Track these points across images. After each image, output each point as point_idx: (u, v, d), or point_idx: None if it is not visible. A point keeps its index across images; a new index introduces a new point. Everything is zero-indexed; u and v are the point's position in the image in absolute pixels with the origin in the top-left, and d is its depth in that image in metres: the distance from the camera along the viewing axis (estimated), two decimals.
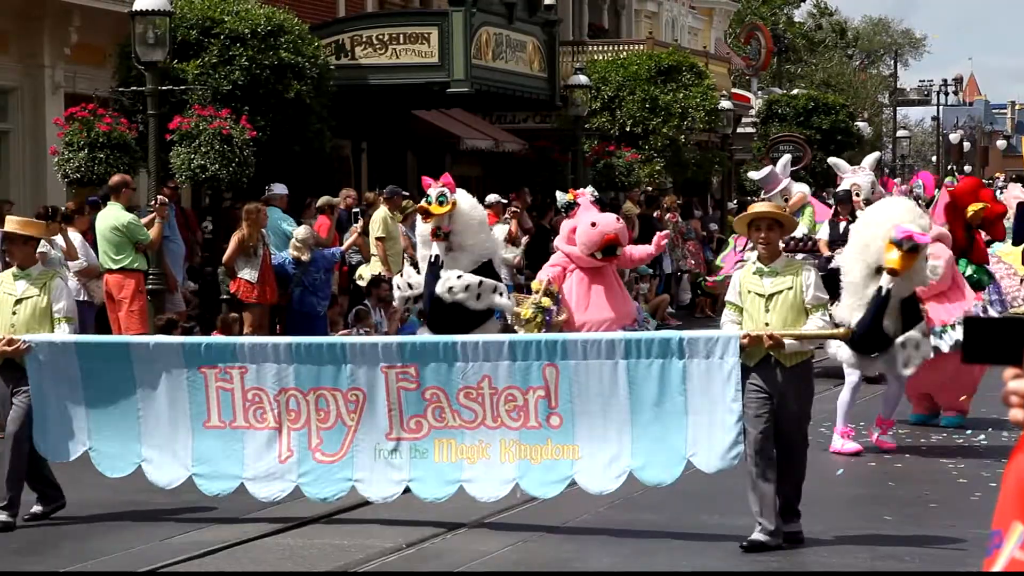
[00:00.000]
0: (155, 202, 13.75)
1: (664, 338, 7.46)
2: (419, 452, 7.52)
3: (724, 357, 7.25)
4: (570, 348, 7.40)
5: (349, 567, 7.39)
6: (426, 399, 7.51)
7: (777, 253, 7.67)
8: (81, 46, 17.74)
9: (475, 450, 7.46)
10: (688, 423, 7.25)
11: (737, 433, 7.23)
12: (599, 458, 7.34)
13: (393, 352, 7.61)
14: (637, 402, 7.30)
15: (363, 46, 20.58)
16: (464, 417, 7.48)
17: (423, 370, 7.51)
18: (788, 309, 7.50)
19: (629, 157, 25.41)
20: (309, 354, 7.68)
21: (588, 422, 7.35)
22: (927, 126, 72.46)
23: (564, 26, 28.32)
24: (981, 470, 10.00)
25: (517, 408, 7.41)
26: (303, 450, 7.65)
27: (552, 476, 7.44)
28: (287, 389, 7.64)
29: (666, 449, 7.28)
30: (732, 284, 7.74)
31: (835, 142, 32.42)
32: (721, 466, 7.32)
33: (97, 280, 13.15)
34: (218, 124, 15.45)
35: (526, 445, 7.41)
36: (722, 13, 45.81)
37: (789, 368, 7.47)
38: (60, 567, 7.37)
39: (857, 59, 64.71)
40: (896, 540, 7.98)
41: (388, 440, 7.55)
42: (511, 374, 7.42)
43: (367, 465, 7.59)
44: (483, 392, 7.44)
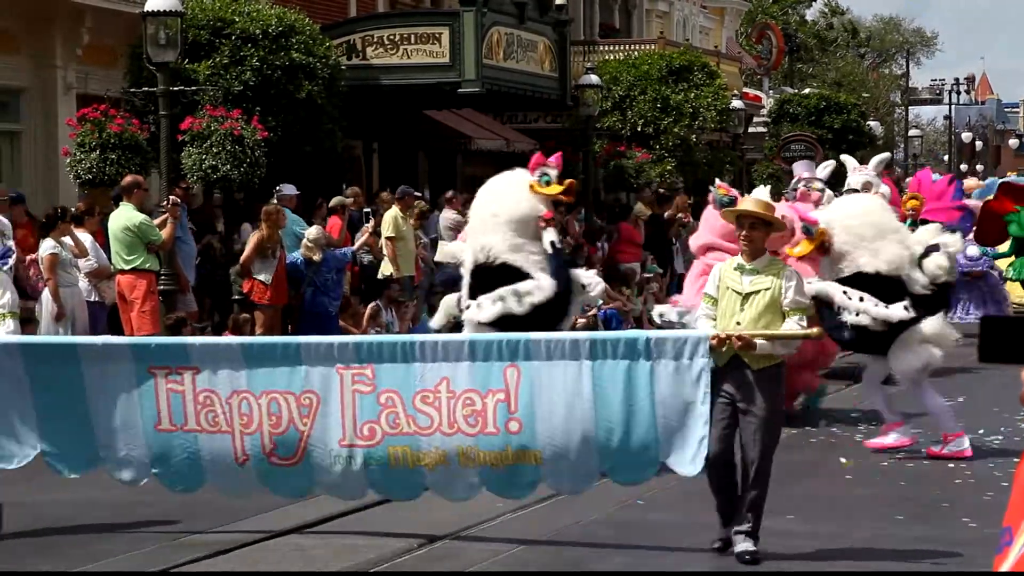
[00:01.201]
0: (167, 202, 13.77)
1: (631, 338, 7.16)
2: (374, 459, 7.25)
3: (693, 358, 6.99)
4: (533, 349, 7.08)
5: (361, 567, 7.38)
6: (380, 403, 7.22)
7: (760, 252, 7.37)
8: (93, 47, 17.79)
9: (431, 456, 7.17)
10: (658, 426, 6.99)
11: (703, 436, 6.98)
12: (565, 461, 7.08)
13: (349, 352, 7.31)
14: (603, 405, 7.01)
15: (374, 46, 20.60)
16: (419, 423, 7.16)
17: (379, 371, 7.23)
18: (763, 310, 7.22)
19: (640, 157, 25.39)
20: (262, 355, 7.42)
21: (551, 426, 7.03)
22: (939, 125, 72.34)
23: (575, 26, 28.32)
24: (994, 470, 9.97)
25: (475, 413, 7.10)
26: (258, 455, 7.39)
27: (518, 481, 7.21)
28: (239, 391, 7.37)
29: (637, 450, 7.03)
30: (712, 276, 7.50)
31: (847, 142, 32.32)
32: (692, 470, 7.02)
33: (108, 281, 13.17)
34: (229, 125, 15.48)
35: (484, 452, 7.12)
36: (733, 12, 45.77)
37: (757, 371, 7.17)
38: (71, 567, 7.37)
39: (869, 58, 64.60)
40: (908, 540, 7.96)
41: (341, 447, 7.27)
42: (471, 376, 7.11)
43: (324, 470, 7.33)
44: (440, 396, 7.13)
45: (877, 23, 68.71)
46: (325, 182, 17.89)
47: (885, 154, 16.52)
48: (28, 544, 7.85)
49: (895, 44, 67.76)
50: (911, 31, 69.82)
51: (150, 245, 13.06)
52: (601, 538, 7.99)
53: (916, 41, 69.23)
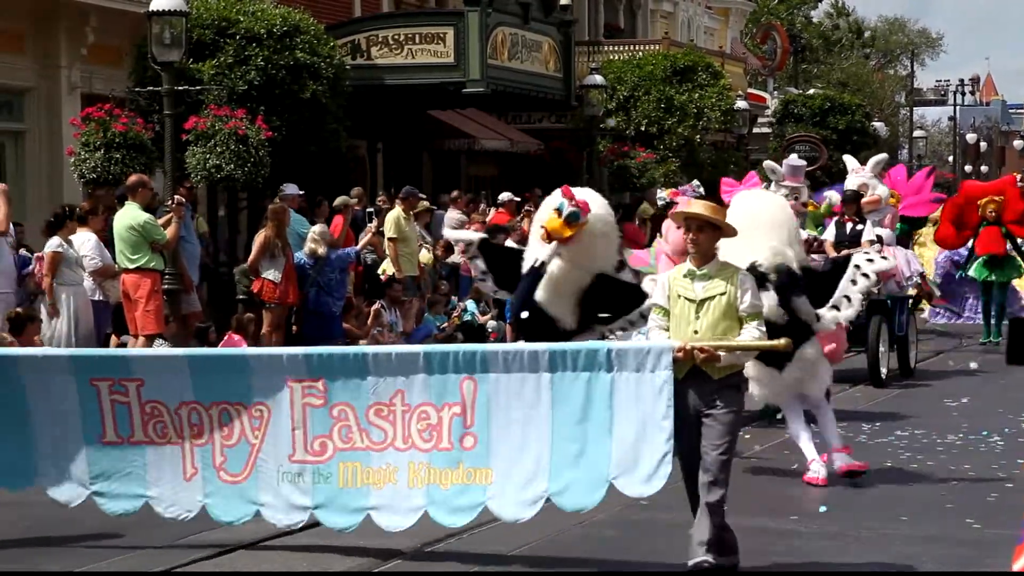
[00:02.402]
0: (171, 202, 13.78)
1: (591, 349, 6.83)
2: (323, 477, 7.01)
3: (656, 370, 6.66)
4: (491, 360, 6.81)
5: (364, 568, 7.39)
6: (333, 417, 6.99)
7: (709, 256, 7.03)
8: (97, 46, 17.81)
9: (381, 474, 6.92)
10: (612, 442, 6.65)
11: (666, 453, 6.62)
12: (514, 482, 6.76)
13: (300, 364, 7.06)
14: (560, 420, 6.72)
15: (379, 46, 20.64)
16: (373, 438, 6.94)
17: (331, 384, 6.98)
18: (720, 317, 6.92)
19: (643, 157, 25.39)
20: (209, 366, 7.26)
21: (505, 442, 6.77)
22: (944, 126, 72.22)
23: (580, 26, 28.33)
24: (998, 471, 9.96)
25: (430, 427, 6.86)
26: (207, 468, 7.20)
27: (463, 502, 6.87)
28: (187, 402, 7.18)
29: (587, 471, 6.67)
30: (660, 285, 7.15)
31: (851, 142, 32.29)
32: (645, 490, 6.67)
33: (112, 280, 13.19)
34: (234, 124, 15.50)
35: (436, 469, 6.85)
36: (738, 13, 45.75)
37: (717, 380, 6.91)
38: (75, 567, 7.38)
39: (874, 59, 64.56)
40: (912, 540, 7.96)
41: (291, 463, 7.06)
42: (426, 389, 6.86)
43: (271, 488, 7.11)
44: (395, 409, 6.90)
45: (882, 24, 68.69)
46: (329, 182, 17.91)
47: (883, 155, 16.54)
48: (29, 544, 7.86)
49: (900, 45, 67.71)
50: (916, 32, 69.78)
51: (154, 244, 13.08)
52: (605, 537, 7.99)
53: (921, 42, 69.17)
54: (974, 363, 16.27)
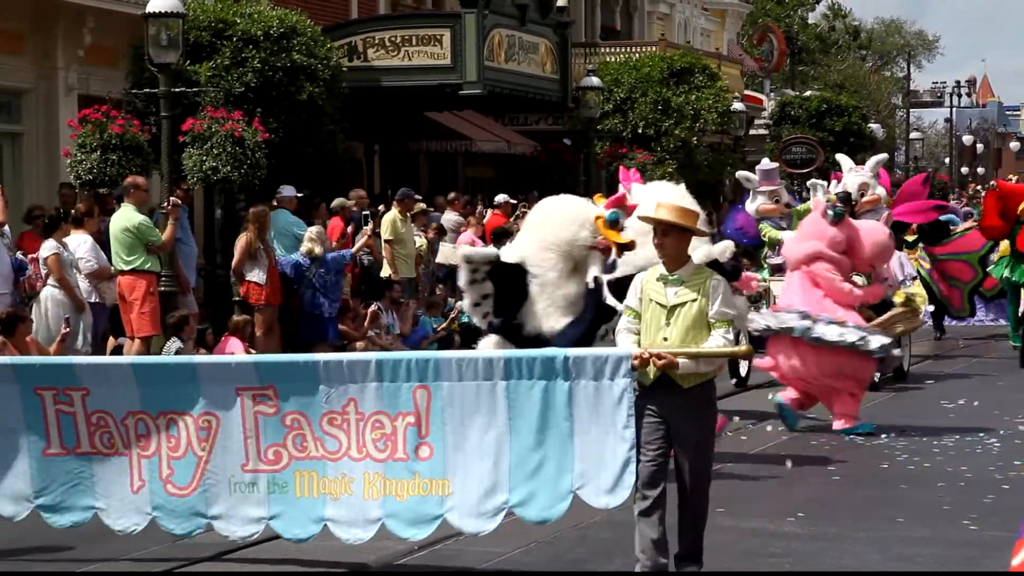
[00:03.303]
0: (167, 204, 13.78)
1: (548, 357, 6.59)
2: (278, 486, 6.82)
3: (614, 378, 6.43)
4: (444, 368, 6.61)
5: (364, 568, 7.38)
6: (286, 425, 6.79)
7: (681, 259, 6.80)
8: (94, 48, 17.80)
9: (338, 484, 6.73)
10: (574, 452, 6.45)
11: (628, 462, 6.43)
12: (472, 494, 6.57)
13: (249, 372, 6.89)
14: (517, 429, 6.51)
15: (375, 48, 20.63)
16: (327, 447, 6.74)
17: (282, 392, 6.78)
18: (690, 324, 6.68)
19: (641, 159, 25.40)
20: (156, 375, 7.06)
21: (462, 453, 6.57)
22: (940, 128, 72.33)
23: (576, 28, 28.33)
24: (995, 473, 9.97)
25: (384, 437, 6.66)
26: (155, 480, 6.98)
27: (421, 515, 6.67)
28: (134, 412, 6.97)
29: (549, 482, 6.49)
30: (632, 287, 6.92)
31: (848, 144, 32.31)
32: (611, 501, 6.46)
33: (108, 282, 13.19)
34: (230, 126, 15.47)
35: (391, 480, 6.66)
36: (735, 15, 45.78)
37: (686, 390, 6.68)
38: (75, 568, 7.38)
39: (870, 61, 64.61)
40: (909, 541, 7.97)
41: (244, 472, 6.85)
42: (379, 397, 6.67)
43: (223, 500, 6.90)
44: (348, 418, 6.70)
45: (878, 25, 68.74)
46: (326, 184, 17.90)
47: (882, 155, 16.55)
48: (29, 544, 7.85)
49: (896, 47, 67.76)
50: (912, 33, 69.82)
51: (150, 246, 13.07)
52: (603, 539, 7.99)
53: (917, 43, 69.22)
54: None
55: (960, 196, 40.48)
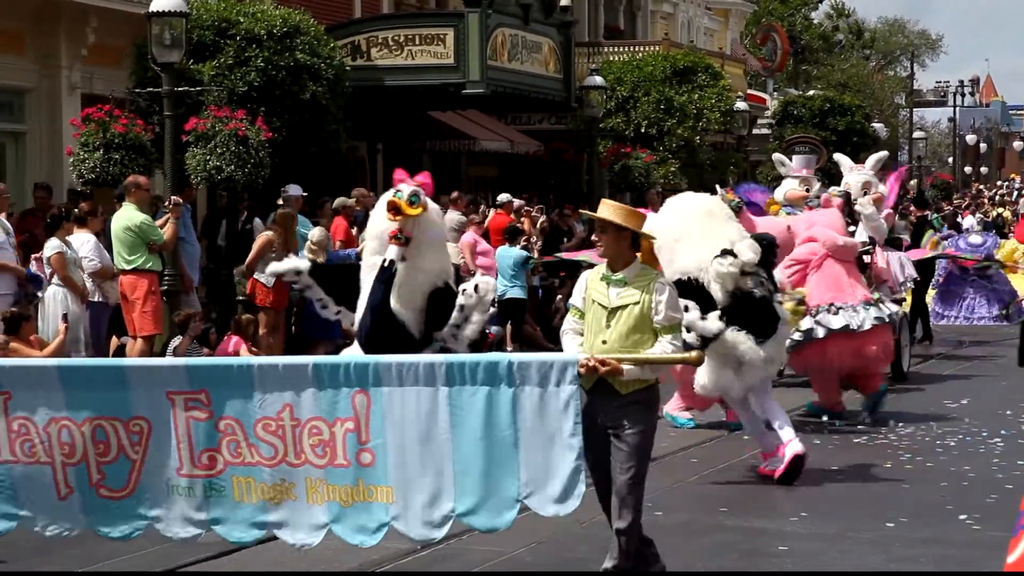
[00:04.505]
0: (169, 203, 13.78)
1: (491, 362, 6.37)
2: (216, 490, 6.60)
3: (560, 385, 6.23)
4: (383, 374, 6.40)
5: (364, 567, 7.40)
6: (220, 431, 6.56)
7: (626, 259, 6.58)
8: (98, 47, 17.80)
9: (277, 490, 6.53)
10: (520, 461, 6.27)
11: (576, 471, 6.21)
12: (417, 501, 6.38)
13: (181, 376, 6.62)
14: (460, 436, 6.32)
15: (379, 47, 20.63)
16: (263, 453, 6.51)
17: (215, 397, 6.55)
18: (632, 328, 6.49)
19: (645, 159, 25.40)
20: (82, 378, 6.72)
21: (403, 460, 6.40)
22: (943, 127, 72.26)
23: (580, 27, 28.34)
24: (998, 472, 9.97)
25: (322, 443, 6.45)
26: (84, 487, 6.69)
27: (367, 521, 6.46)
28: (57, 419, 6.65)
29: (495, 490, 6.32)
30: (578, 285, 6.74)
31: (851, 143, 32.31)
32: (561, 510, 6.26)
33: (111, 281, 13.19)
34: (234, 125, 15.48)
35: (335, 486, 6.45)
36: (738, 14, 45.77)
37: (625, 396, 6.51)
38: (76, 567, 7.38)
39: (873, 60, 64.58)
40: (912, 542, 7.98)
41: (180, 476, 6.61)
42: (316, 403, 6.45)
43: (162, 501, 6.65)
44: (283, 424, 6.49)
45: (882, 25, 68.70)
46: (329, 183, 17.90)
47: (883, 153, 16.53)
48: (29, 544, 7.85)
49: (900, 46, 67.72)
50: (916, 33, 69.78)
51: (152, 245, 13.08)
52: (603, 539, 7.99)
53: (921, 43, 69.17)
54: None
55: (964, 195, 40.45)
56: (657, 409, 6.74)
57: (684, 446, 11.14)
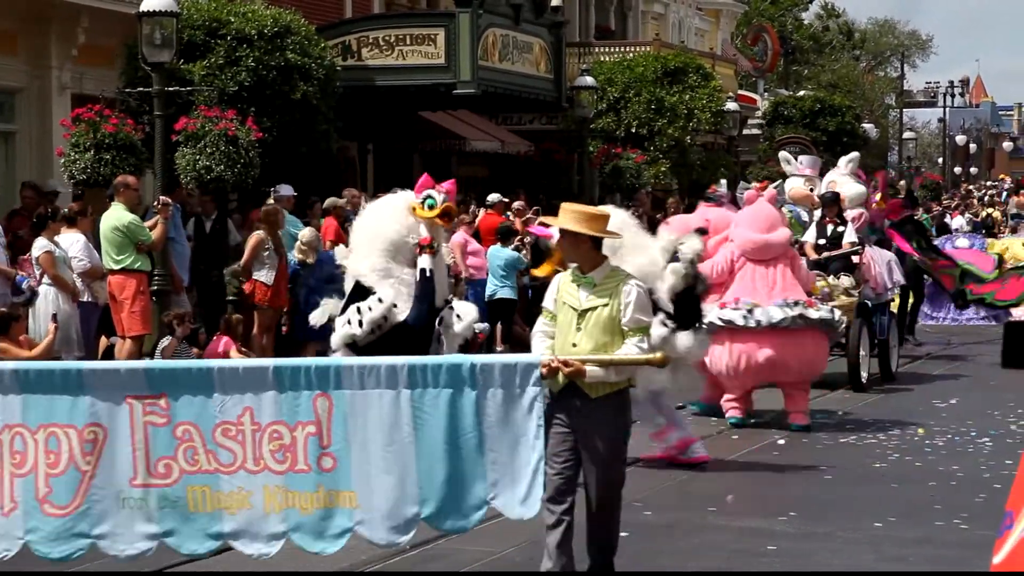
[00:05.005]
0: (157, 203, 13.78)
1: (454, 364, 6.33)
2: (170, 501, 6.45)
3: (524, 387, 6.20)
4: (345, 376, 6.32)
5: (356, 567, 7.40)
6: (177, 437, 6.42)
7: (593, 261, 6.52)
8: (88, 47, 17.78)
9: (234, 498, 6.40)
10: (486, 463, 6.23)
11: (538, 473, 6.18)
12: (382, 505, 6.32)
13: (140, 379, 6.48)
14: (424, 439, 6.27)
15: (369, 47, 20.63)
16: (221, 459, 6.40)
17: (174, 402, 6.41)
18: (601, 330, 6.42)
19: (636, 160, 25.43)
20: (39, 382, 6.50)
21: (367, 463, 6.31)
22: (934, 128, 72.40)
23: (570, 27, 28.35)
24: (986, 472, 10.00)
25: (283, 448, 6.35)
26: (29, 501, 6.48)
27: (328, 527, 6.38)
28: (12, 425, 6.45)
29: (462, 492, 6.27)
30: (550, 287, 6.70)
31: (841, 144, 32.37)
32: (526, 513, 6.20)
33: (100, 281, 13.19)
34: (224, 125, 15.47)
35: (294, 492, 6.35)
36: (729, 15, 45.83)
37: (595, 400, 6.43)
38: (65, 568, 7.37)
39: (864, 61, 64.69)
40: (902, 541, 8.01)
41: (133, 487, 6.44)
42: (277, 407, 6.36)
43: (112, 517, 6.47)
44: (243, 429, 6.37)
45: (872, 25, 68.82)
46: (320, 183, 17.90)
47: (854, 153, 16.61)
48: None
49: (890, 46, 67.85)
50: (906, 33, 69.90)
51: (140, 245, 13.08)
52: None
53: (911, 43, 69.31)
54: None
55: (953, 196, 40.53)
56: (629, 413, 6.66)
57: None
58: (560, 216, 6.59)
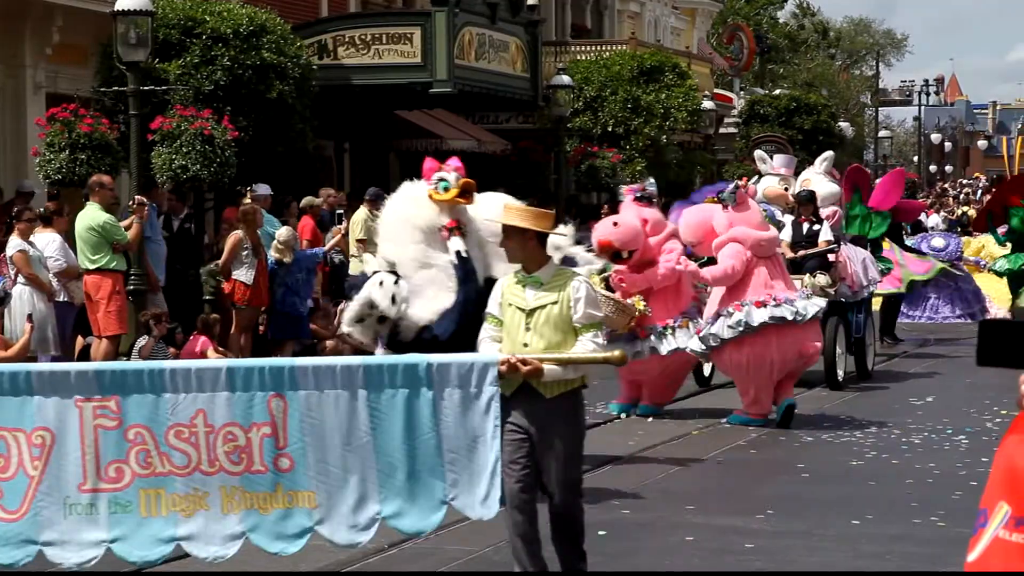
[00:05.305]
0: (133, 202, 13.74)
1: (410, 364, 6.26)
2: (120, 506, 6.33)
3: (481, 386, 6.16)
4: (300, 376, 6.26)
5: (332, 567, 7.38)
6: (129, 440, 6.31)
7: (539, 260, 6.44)
8: (63, 46, 17.71)
9: (190, 500, 6.29)
10: (444, 463, 6.19)
11: (495, 474, 6.14)
12: (342, 506, 6.25)
13: (90, 381, 6.35)
14: (382, 440, 6.21)
15: (346, 46, 20.61)
16: (175, 461, 6.29)
17: (125, 404, 6.30)
18: (552, 328, 6.35)
19: (613, 159, 25.47)
20: None
21: (325, 464, 6.25)
22: (909, 126, 72.76)
23: (547, 26, 28.37)
24: (962, 470, 10.05)
25: (238, 449, 6.26)
26: None
27: (287, 528, 6.29)
28: None
29: (421, 493, 6.22)
30: (493, 293, 6.62)
31: (817, 142, 32.49)
32: (485, 513, 6.17)
33: (77, 281, 13.15)
34: (200, 124, 15.43)
35: (252, 493, 6.26)
36: (705, 13, 45.92)
37: (550, 400, 6.34)
38: (46, 567, 7.34)
39: (839, 59, 64.93)
40: (878, 538, 8.03)
41: (82, 492, 6.31)
42: (230, 408, 6.27)
43: (57, 524, 6.31)
44: (197, 431, 6.28)
45: (847, 24, 69.10)
46: (296, 182, 17.87)
47: (828, 152, 16.72)
48: None
49: (865, 45, 68.13)
50: (881, 32, 70.23)
51: (116, 245, 13.03)
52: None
53: (886, 42, 69.63)
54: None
55: (928, 194, 40.73)
56: (584, 412, 6.61)
57: (651, 444, 11.18)
58: (504, 214, 6.53)
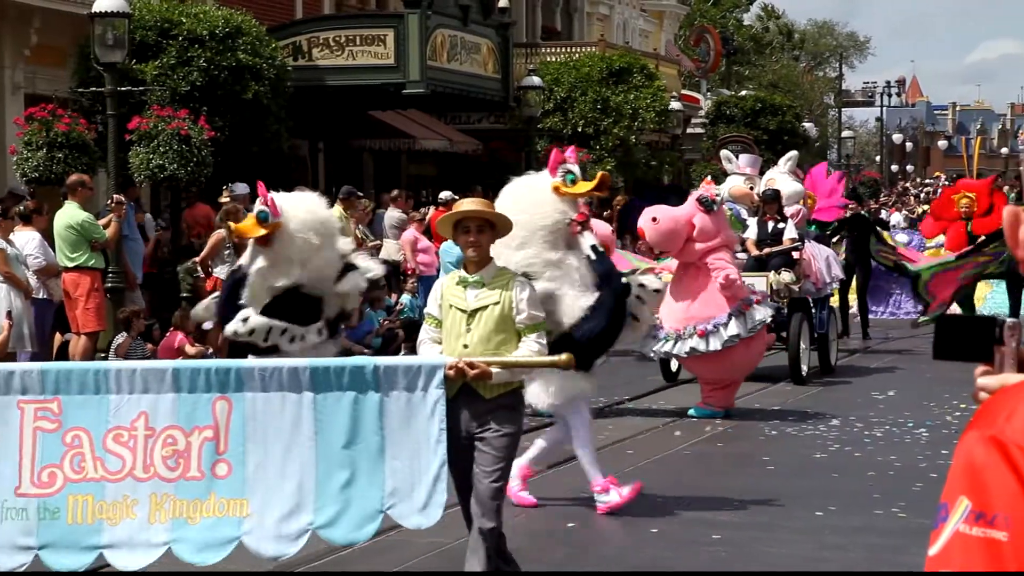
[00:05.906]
0: (111, 201, 13.88)
1: (357, 366, 6.07)
2: (49, 512, 6.08)
3: (427, 389, 5.98)
4: (246, 378, 6.05)
5: (295, 565, 7.13)
6: (66, 443, 6.08)
7: (487, 260, 6.30)
8: (41, 47, 17.81)
9: (117, 508, 6.05)
10: (385, 469, 5.98)
11: (438, 479, 5.96)
12: (272, 514, 6.03)
13: (34, 381, 6.12)
14: (324, 444, 6.00)
15: (320, 48, 20.78)
16: (108, 467, 6.06)
17: (67, 405, 6.09)
18: (492, 329, 6.20)
19: (583, 158, 25.69)
20: None
21: (263, 471, 6.03)
22: (871, 127, 73.31)
23: (517, 28, 28.58)
24: (922, 462, 10.21)
25: (176, 454, 6.04)
26: None
27: (214, 537, 6.04)
28: None
29: (357, 501, 6.00)
30: (432, 293, 6.45)
31: (782, 142, 32.83)
32: (423, 522, 5.99)
33: (56, 278, 13.27)
34: (176, 124, 15.59)
35: (183, 501, 6.03)
36: (672, 16, 46.22)
37: (489, 400, 6.18)
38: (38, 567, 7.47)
39: (803, 61, 65.35)
40: (841, 530, 8.14)
41: (17, 497, 6.10)
42: (174, 410, 6.06)
43: None
44: (136, 434, 6.06)
45: (811, 27, 69.54)
46: (271, 182, 17.94)
47: (792, 152, 17.02)
48: None
49: (829, 48, 68.57)
50: (844, 35, 70.70)
51: (94, 243, 13.17)
52: (539, 531, 8.16)
53: (849, 45, 70.09)
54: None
55: (890, 193, 41.14)
56: (523, 412, 6.50)
57: (620, 438, 11.23)
58: (466, 205, 6.44)
